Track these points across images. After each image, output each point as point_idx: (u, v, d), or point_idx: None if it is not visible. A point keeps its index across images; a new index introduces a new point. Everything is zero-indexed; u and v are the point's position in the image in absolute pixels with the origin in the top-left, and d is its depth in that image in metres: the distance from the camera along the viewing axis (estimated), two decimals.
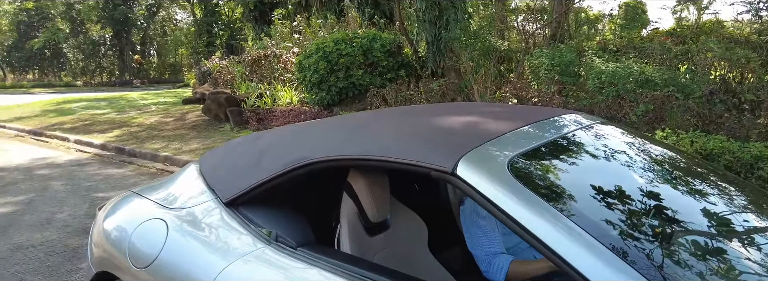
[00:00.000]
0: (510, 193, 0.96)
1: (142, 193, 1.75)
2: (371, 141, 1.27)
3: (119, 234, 1.61)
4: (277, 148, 1.47)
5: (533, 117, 1.39)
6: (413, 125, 1.36)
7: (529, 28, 10.66)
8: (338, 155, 1.23)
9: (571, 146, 1.31)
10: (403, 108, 1.84)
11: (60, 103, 14.10)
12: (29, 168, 6.25)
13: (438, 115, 1.46)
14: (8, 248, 3.39)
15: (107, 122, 9.86)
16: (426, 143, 1.17)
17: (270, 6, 18.29)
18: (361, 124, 1.43)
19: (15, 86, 28.99)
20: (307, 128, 1.53)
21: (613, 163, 1.31)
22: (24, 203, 4.57)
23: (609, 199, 1.10)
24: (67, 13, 30.63)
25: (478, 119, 1.37)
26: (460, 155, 1.05)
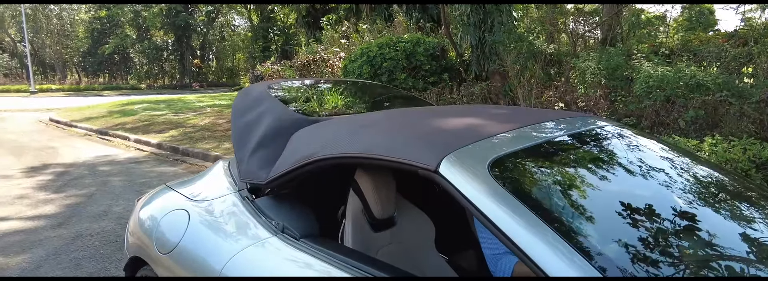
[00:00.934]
0: (488, 194, 0.99)
1: (174, 187, 1.91)
2: (371, 140, 1.33)
3: (150, 223, 1.77)
4: (295, 144, 1.57)
5: (533, 119, 1.41)
6: (412, 125, 1.41)
7: (579, 30, 10.40)
8: (341, 152, 1.31)
9: (561, 149, 1.31)
10: (412, 109, 1.90)
11: (124, 105, 15.04)
12: (93, 165, 6.74)
13: (441, 116, 1.51)
14: (70, 235, 3.71)
15: (165, 122, 10.44)
16: (416, 143, 1.22)
17: (322, 12, 18.76)
18: (368, 123, 1.50)
19: (88, 88, 31.14)
20: (325, 126, 1.62)
21: (603, 166, 1.30)
22: (86, 196, 4.95)
23: (591, 203, 1.10)
24: (134, 20, 32.59)
25: (476, 120, 1.41)
26: (444, 154, 1.10)
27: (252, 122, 1.75)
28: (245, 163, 1.61)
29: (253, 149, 1.63)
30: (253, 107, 1.83)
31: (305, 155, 1.39)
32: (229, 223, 1.49)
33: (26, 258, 3.29)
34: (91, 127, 10.52)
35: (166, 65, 36.02)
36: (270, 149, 1.60)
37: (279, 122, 1.67)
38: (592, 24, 10.52)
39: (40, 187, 5.37)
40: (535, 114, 1.59)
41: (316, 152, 1.36)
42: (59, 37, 36.05)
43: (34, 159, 7.14)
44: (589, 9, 11.65)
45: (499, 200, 0.98)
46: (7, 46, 37.03)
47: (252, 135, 1.70)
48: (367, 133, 1.38)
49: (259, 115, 1.76)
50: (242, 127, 1.76)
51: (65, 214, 4.30)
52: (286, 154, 1.51)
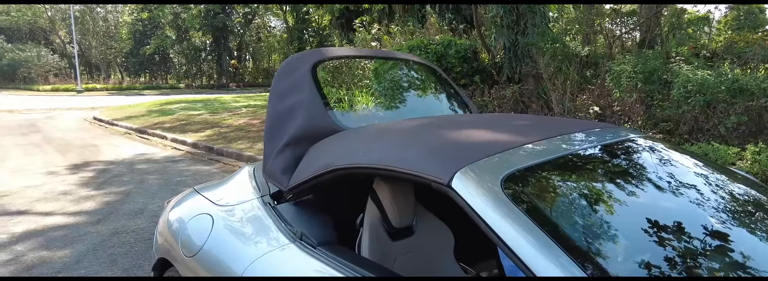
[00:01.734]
0: (499, 211, 0.97)
1: (201, 191, 1.97)
2: (386, 151, 1.33)
3: (177, 225, 1.83)
4: (314, 153, 1.59)
5: (554, 131, 1.38)
6: (428, 136, 1.40)
7: (615, 32, 10.14)
8: (356, 163, 1.32)
9: (581, 163, 1.27)
10: (431, 118, 1.88)
11: (163, 104, 15.53)
12: (132, 163, 7.00)
13: (459, 126, 1.50)
14: (108, 232, 3.87)
15: (201, 122, 10.74)
16: (430, 155, 1.21)
17: (356, 14, 18.88)
18: (384, 133, 1.51)
19: (130, 87, 32.30)
20: (342, 136, 1.63)
21: (626, 183, 1.24)
22: (124, 193, 5.15)
23: (611, 223, 1.07)
24: (174, 21, 33.59)
25: (495, 132, 1.39)
26: (458, 168, 1.09)
27: (286, 114, 1.71)
28: (271, 161, 1.62)
29: (281, 148, 1.62)
30: (291, 91, 1.76)
31: (323, 164, 1.41)
32: (251, 229, 1.54)
33: (68, 253, 3.45)
34: (131, 126, 10.91)
35: (204, 66, 36.95)
36: (296, 151, 1.61)
37: (311, 126, 1.65)
38: (630, 25, 10.24)
39: (83, 184, 5.61)
40: (557, 125, 1.55)
41: (332, 162, 1.38)
42: (104, 39, 37.54)
43: (78, 157, 7.47)
44: (627, 10, 11.33)
45: (510, 218, 0.96)
46: (57, 47, 38.82)
47: (283, 130, 1.68)
48: (383, 143, 1.39)
49: (294, 106, 1.72)
50: (276, 117, 1.71)
51: (104, 211, 4.48)
52: (305, 162, 1.53)
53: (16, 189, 5.34)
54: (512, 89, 7.22)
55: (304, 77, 1.79)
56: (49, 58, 36.53)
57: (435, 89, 2.35)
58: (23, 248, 3.55)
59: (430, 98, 2.30)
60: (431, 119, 1.79)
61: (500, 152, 1.18)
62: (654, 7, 9.19)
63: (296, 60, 1.89)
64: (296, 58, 1.91)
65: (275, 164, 1.58)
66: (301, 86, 1.76)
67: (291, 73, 1.82)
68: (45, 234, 3.85)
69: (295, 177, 1.51)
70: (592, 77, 9.37)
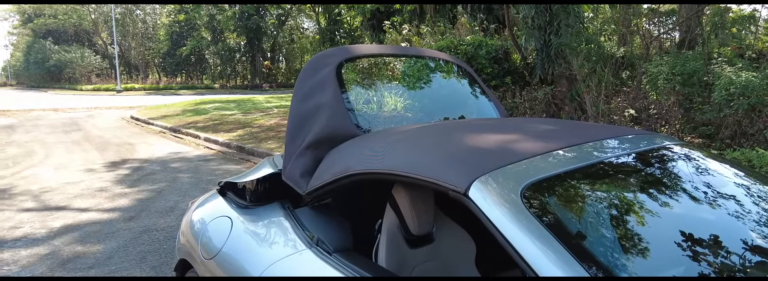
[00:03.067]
0: (517, 223, 0.93)
1: (226, 194, 1.98)
2: (403, 156, 1.30)
3: (198, 226, 1.85)
4: (333, 157, 1.57)
5: (579, 138, 1.32)
6: (448, 142, 1.36)
7: (653, 32, 9.81)
8: (373, 168, 1.29)
9: (609, 173, 1.20)
10: (452, 122, 1.83)
11: (197, 104, 15.90)
12: (165, 161, 7.17)
13: (481, 131, 1.45)
14: (139, 229, 3.97)
15: (233, 122, 10.93)
16: (448, 162, 1.17)
17: (387, 15, 18.89)
18: (403, 138, 1.47)
19: (166, 87, 33.24)
20: (361, 140, 1.61)
21: (653, 194, 1.16)
22: (156, 191, 5.28)
23: (637, 239, 1.00)
24: (209, 23, 34.37)
25: (517, 137, 1.33)
26: (475, 176, 1.04)
27: (308, 115, 1.67)
28: (291, 163, 1.61)
29: (302, 151, 1.61)
30: (315, 91, 1.72)
31: (341, 169, 1.39)
32: (268, 232, 1.53)
33: (100, 248, 3.56)
34: (166, 125, 11.20)
35: (238, 66, 37.66)
36: (316, 154, 1.59)
37: (333, 129, 1.62)
38: (669, 25, 9.90)
39: (118, 181, 5.79)
40: (586, 131, 1.48)
41: (350, 167, 1.36)
42: (143, 40, 38.78)
43: (115, 155, 7.71)
44: (665, 9, 10.94)
45: (529, 231, 0.91)
46: (99, 48, 40.33)
47: (304, 132, 1.65)
48: (401, 149, 1.35)
49: (317, 107, 1.68)
50: (298, 118, 1.67)
51: (137, 208, 4.60)
52: (324, 166, 1.52)
53: (57, 186, 5.55)
54: (544, 91, 7.07)
55: (328, 76, 1.75)
56: (91, 59, 38.01)
57: (464, 90, 2.29)
58: (60, 243, 3.68)
59: (459, 99, 2.24)
60: (454, 123, 1.75)
61: (522, 159, 1.13)
62: (695, 6, 8.85)
63: (322, 58, 1.85)
64: (322, 56, 1.87)
65: (295, 167, 1.57)
66: (325, 86, 1.72)
67: (316, 72, 1.78)
68: (81, 230, 3.98)
69: (313, 181, 1.49)
70: (627, 78, 9.09)
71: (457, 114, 2.10)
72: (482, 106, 2.22)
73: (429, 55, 2.35)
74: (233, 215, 1.71)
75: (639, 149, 1.34)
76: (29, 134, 10.40)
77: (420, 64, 2.29)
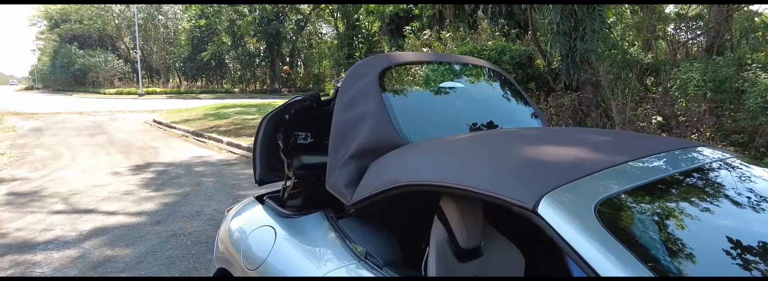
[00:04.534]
0: (593, 241, 0.89)
1: (262, 199, 1.96)
2: (458, 168, 1.26)
3: (238, 235, 1.83)
4: (379, 166, 1.54)
5: (644, 150, 1.27)
6: (506, 154, 1.32)
7: (680, 37, 9.63)
8: (426, 180, 1.26)
9: (681, 188, 1.15)
10: (501, 132, 1.78)
11: (219, 108, 16.07)
12: (189, 165, 7.24)
13: (535, 143, 1.40)
14: (167, 234, 3.99)
15: (255, 126, 11.00)
16: (511, 176, 1.13)
17: (405, 20, 18.90)
18: (454, 148, 1.43)
19: (187, 91, 33.72)
20: (408, 150, 1.57)
21: (735, 210, 1.12)
22: (182, 195, 5.31)
23: (719, 257, 0.96)
24: (229, 28, 34.81)
25: (578, 150, 1.28)
26: (544, 192, 1.00)
27: (352, 124, 1.65)
28: (335, 173, 1.59)
29: (346, 161, 1.58)
30: (357, 100, 1.69)
31: (388, 180, 1.35)
32: (314, 244, 1.50)
33: (129, 252, 3.58)
34: (188, 129, 11.33)
35: (258, 71, 38.04)
36: (361, 164, 1.57)
37: (377, 138, 1.60)
38: (696, 30, 9.70)
39: (143, 185, 5.85)
40: (641, 143, 1.43)
41: (398, 178, 1.32)
42: (164, 45, 39.45)
43: (139, 158, 7.80)
44: (692, 13, 10.74)
45: (606, 248, 0.87)
46: (122, 53, 41.14)
47: (348, 141, 1.62)
48: (454, 160, 1.32)
49: (360, 116, 1.65)
50: (342, 127, 1.65)
51: (163, 212, 4.64)
52: (369, 177, 1.48)
53: (84, 188, 5.63)
54: (571, 98, 6.97)
55: (370, 85, 1.72)
56: (114, 63, 38.77)
57: (506, 98, 2.24)
58: (90, 245, 3.72)
59: (501, 107, 2.20)
60: (505, 132, 1.70)
61: (589, 174, 1.09)
62: (724, 10, 8.66)
63: (362, 67, 1.83)
64: (362, 65, 1.85)
65: (339, 176, 1.55)
66: (368, 95, 1.70)
67: (357, 81, 1.76)
68: (109, 233, 4.01)
69: (359, 192, 1.46)
70: (652, 85, 8.92)
71: (501, 123, 2.06)
72: (524, 114, 2.17)
73: (469, 62, 2.31)
74: (276, 225, 1.69)
75: (705, 161, 1.29)
76: (56, 137, 10.61)
77: (461, 72, 2.25)
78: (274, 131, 1.97)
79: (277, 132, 1.96)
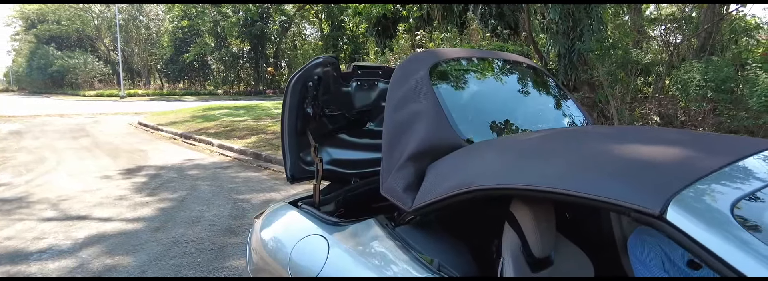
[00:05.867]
0: (739, 245, 0.80)
1: (300, 205, 1.80)
2: (543, 170, 1.16)
3: (277, 246, 1.68)
4: (441, 169, 1.41)
5: (741, 150, 1.18)
6: (597, 154, 1.21)
7: (673, 39, 9.71)
8: (505, 184, 1.14)
9: None
10: (574, 130, 1.67)
11: (205, 110, 15.76)
12: (181, 168, 7.01)
13: (621, 141, 1.30)
14: (168, 241, 3.80)
15: (245, 128, 10.78)
16: (620, 177, 1.02)
17: (392, 21, 18.82)
18: (532, 148, 1.32)
19: (170, 93, 33.14)
20: (477, 150, 1.44)
21: None
22: (178, 200, 5.11)
23: None
24: (213, 29, 34.35)
25: (672, 148, 1.18)
26: (670, 195, 0.90)
27: (405, 125, 1.53)
28: (391, 176, 1.45)
29: (403, 163, 1.45)
30: (408, 99, 1.58)
31: (458, 183, 1.23)
32: (375, 255, 1.36)
33: (131, 261, 3.39)
34: (176, 131, 11.05)
35: (242, 72, 37.60)
36: (418, 167, 1.44)
37: (435, 139, 1.47)
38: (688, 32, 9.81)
39: (137, 189, 5.62)
40: (728, 141, 1.34)
41: (471, 182, 1.20)
42: (146, 46, 38.73)
43: (128, 161, 7.55)
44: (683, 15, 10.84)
45: (752, 250, 0.78)
46: (102, 54, 40.29)
47: (403, 142, 1.51)
48: (533, 161, 1.21)
49: (414, 116, 1.54)
50: (394, 128, 1.53)
51: (161, 218, 4.44)
52: (432, 180, 1.36)
53: (74, 193, 5.39)
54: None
55: (421, 82, 1.61)
56: (94, 65, 37.93)
57: (551, 95, 2.14)
58: (87, 254, 3.51)
59: (548, 105, 2.09)
60: (576, 131, 1.59)
61: (708, 174, 0.99)
62: (716, 13, 8.77)
63: (411, 64, 1.71)
64: (410, 61, 1.74)
65: (396, 180, 1.41)
66: (420, 92, 1.58)
67: (407, 78, 1.64)
68: (106, 241, 3.81)
69: (421, 197, 1.33)
70: (642, 85, 8.97)
71: (551, 120, 1.95)
72: (572, 112, 2.07)
73: (513, 59, 2.21)
74: (326, 233, 1.54)
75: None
76: (38, 140, 10.24)
77: (504, 68, 2.13)
78: (300, 99, 1.81)
79: (304, 99, 1.80)
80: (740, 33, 9.47)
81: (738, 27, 9.55)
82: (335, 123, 2.02)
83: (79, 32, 40.17)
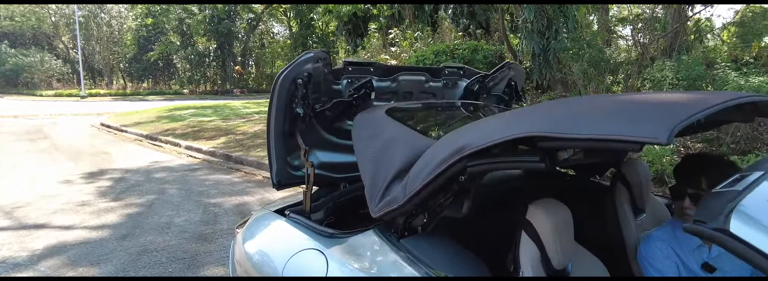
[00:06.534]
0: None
1: (289, 215, 1.64)
2: (547, 117, 1.07)
3: (265, 261, 1.51)
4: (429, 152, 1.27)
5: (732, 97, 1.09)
6: (588, 105, 1.12)
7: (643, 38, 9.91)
8: (500, 138, 1.01)
9: None
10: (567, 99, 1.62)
11: (171, 110, 15.24)
12: (148, 171, 6.70)
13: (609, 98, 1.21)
14: (136, 250, 3.56)
15: (214, 129, 10.44)
16: (618, 118, 0.95)
17: (363, 19, 18.66)
18: (524, 111, 1.25)
19: (134, 93, 32.03)
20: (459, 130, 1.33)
21: None
22: (146, 205, 4.84)
23: None
24: (178, 27, 33.41)
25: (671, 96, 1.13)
26: (673, 125, 0.84)
27: (381, 151, 1.45)
28: (378, 199, 1.32)
29: (387, 185, 1.33)
30: (377, 132, 1.54)
31: (449, 153, 1.11)
32: (383, 272, 1.22)
33: (96, 273, 3.15)
34: (141, 132, 10.62)
35: (209, 71, 36.71)
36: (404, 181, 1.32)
37: (417, 150, 1.36)
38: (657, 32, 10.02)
39: (100, 194, 5.31)
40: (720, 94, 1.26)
41: (465, 145, 1.07)
42: (108, 44, 37.32)
43: (91, 164, 7.17)
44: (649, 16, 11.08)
45: None
46: (60, 52, 38.63)
47: (384, 165, 1.41)
48: (534, 115, 1.12)
49: (388, 142, 1.47)
50: (372, 159, 1.45)
51: (128, 225, 4.18)
52: (419, 166, 1.23)
53: (31, 200, 5.04)
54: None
55: (384, 119, 1.60)
56: (52, 64, 36.32)
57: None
58: (47, 267, 3.25)
59: None
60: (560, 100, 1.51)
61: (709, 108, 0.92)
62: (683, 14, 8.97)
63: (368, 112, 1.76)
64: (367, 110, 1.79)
65: (385, 197, 1.28)
66: (386, 124, 1.56)
67: (370, 120, 1.65)
68: (68, 251, 3.55)
69: (410, 184, 1.19)
70: (613, 83, 9.11)
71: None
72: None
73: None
74: (322, 248, 1.39)
75: None
76: None
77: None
78: (289, 97, 1.65)
79: (293, 98, 1.65)
80: (705, 33, 9.71)
81: (703, 27, 9.81)
82: (325, 121, 1.88)
83: (34, 29, 38.37)
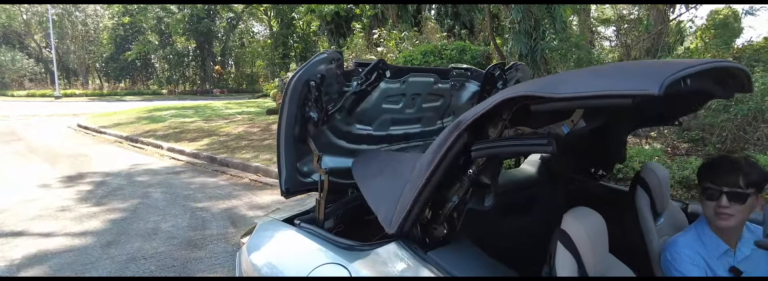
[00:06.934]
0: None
1: (301, 225, 1.55)
2: (537, 82, 1.07)
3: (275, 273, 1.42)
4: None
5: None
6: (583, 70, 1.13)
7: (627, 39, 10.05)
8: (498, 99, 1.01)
9: None
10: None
11: (151, 111, 14.91)
12: (130, 174, 6.50)
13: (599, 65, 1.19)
14: (124, 258, 3.41)
15: (196, 130, 10.23)
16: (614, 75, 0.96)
17: (346, 19, 18.54)
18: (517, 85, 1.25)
19: (111, 93, 31.35)
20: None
21: None
22: (130, 210, 4.68)
23: None
24: (156, 26, 32.76)
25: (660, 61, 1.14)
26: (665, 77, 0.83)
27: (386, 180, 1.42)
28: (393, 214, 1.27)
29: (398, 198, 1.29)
30: (377, 168, 1.54)
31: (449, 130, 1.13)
32: None
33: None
34: (121, 134, 10.34)
35: (188, 71, 36.12)
36: None
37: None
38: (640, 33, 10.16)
39: (81, 199, 5.12)
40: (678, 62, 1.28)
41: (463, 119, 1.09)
42: (83, 43, 36.41)
43: (70, 167, 6.93)
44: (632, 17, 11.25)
45: None
46: (33, 51, 37.55)
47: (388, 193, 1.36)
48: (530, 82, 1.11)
49: (390, 166, 1.47)
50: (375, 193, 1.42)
51: (113, 231, 4.02)
52: (423, 158, 1.22)
53: (7, 206, 4.83)
54: None
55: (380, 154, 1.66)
56: (24, 63, 35.33)
57: None
58: (28, 277, 3.09)
59: None
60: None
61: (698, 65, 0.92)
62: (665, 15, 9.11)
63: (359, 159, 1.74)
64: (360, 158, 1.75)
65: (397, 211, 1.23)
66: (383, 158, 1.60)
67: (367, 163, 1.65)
68: (50, 260, 3.39)
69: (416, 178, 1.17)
70: None
71: None
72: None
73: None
74: (346, 262, 1.30)
75: None
76: None
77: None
78: (301, 100, 1.54)
79: (306, 102, 1.54)
80: (687, 35, 9.87)
81: (684, 29, 9.96)
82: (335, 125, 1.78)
83: (5, 27, 37.22)
